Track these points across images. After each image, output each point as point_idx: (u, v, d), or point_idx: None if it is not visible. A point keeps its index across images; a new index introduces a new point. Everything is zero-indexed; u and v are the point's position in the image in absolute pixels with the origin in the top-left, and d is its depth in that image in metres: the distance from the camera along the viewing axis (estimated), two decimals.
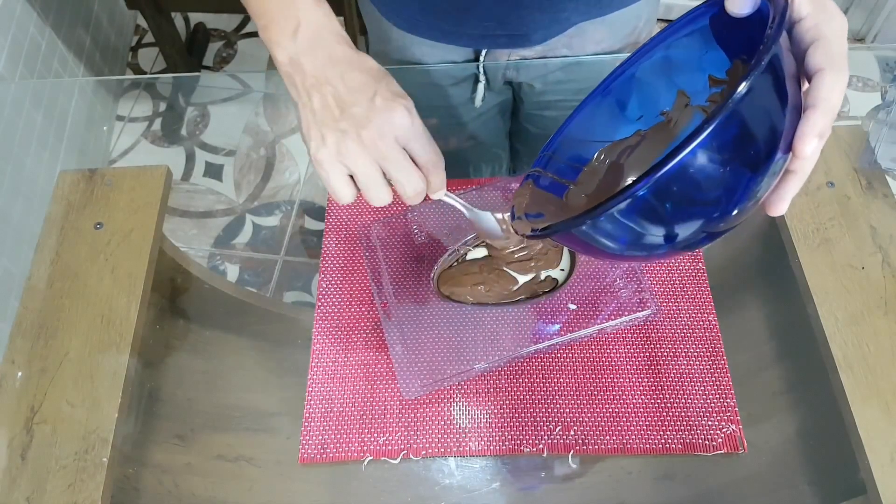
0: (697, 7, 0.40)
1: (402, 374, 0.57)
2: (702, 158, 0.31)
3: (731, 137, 0.31)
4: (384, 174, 0.44)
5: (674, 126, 0.46)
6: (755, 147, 0.33)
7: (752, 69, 0.30)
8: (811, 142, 0.34)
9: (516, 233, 0.47)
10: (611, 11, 0.66)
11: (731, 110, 0.30)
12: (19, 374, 0.59)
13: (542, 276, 0.61)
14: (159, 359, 0.65)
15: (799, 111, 0.34)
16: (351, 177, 0.44)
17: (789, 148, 0.34)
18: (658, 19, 0.76)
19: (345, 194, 0.44)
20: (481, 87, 0.73)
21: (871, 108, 1.67)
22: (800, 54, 0.36)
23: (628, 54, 0.50)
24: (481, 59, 0.71)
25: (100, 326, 0.61)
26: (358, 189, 0.45)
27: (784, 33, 0.32)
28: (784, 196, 0.37)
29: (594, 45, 0.70)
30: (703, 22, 0.41)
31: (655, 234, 0.35)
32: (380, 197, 0.44)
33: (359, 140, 0.42)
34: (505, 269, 0.61)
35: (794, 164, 0.36)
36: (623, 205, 0.33)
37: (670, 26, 0.43)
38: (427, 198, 0.47)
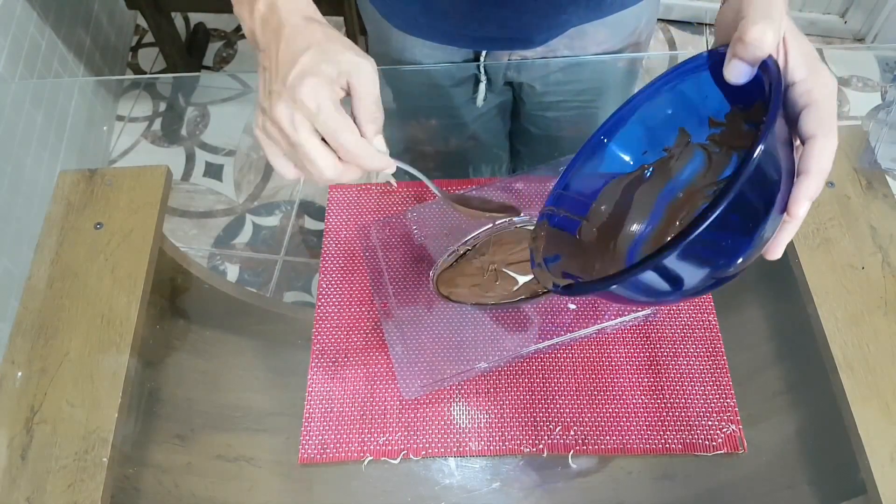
0: (700, 55, 0.44)
1: (402, 374, 0.57)
2: (706, 236, 0.34)
3: (733, 212, 0.34)
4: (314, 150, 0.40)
5: (676, 161, 0.49)
6: (755, 214, 0.36)
7: (749, 159, 0.33)
8: (805, 205, 0.37)
9: (539, 282, 0.48)
10: (611, 13, 0.66)
11: (736, 192, 0.33)
12: (19, 374, 0.59)
13: None
14: (159, 359, 0.65)
15: (792, 174, 0.37)
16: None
17: (784, 208, 0.37)
18: (658, 19, 0.76)
19: (284, 169, 0.41)
20: (482, 87, 0.73)
21: (871, 108, 1.67)
22: (793, 115, 0.39)
23: (628, 55, 0.51)
24: (482, 59, 0.71)
25: (100, 326, 0.61)
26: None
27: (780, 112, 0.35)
28: (780, 243, 0.40)
29: (595, 45, 0.70)
30: (703, 71, 0.44)
31: (667, 289, 0.39)
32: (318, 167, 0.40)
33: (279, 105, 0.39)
34: (505, 269, 0.61)
35: (788, 219, 0.38)
36: (639, 273, 0.36)
37: (674, 69, 0.46)
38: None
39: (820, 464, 0.57)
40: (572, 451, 0.56)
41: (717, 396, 0.58)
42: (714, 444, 0.56)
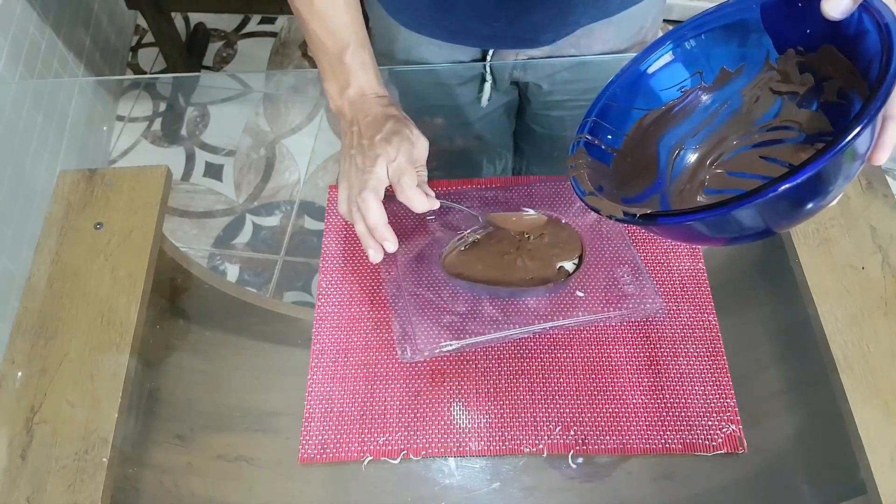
0: None
1: (402, 338, 0.57)
2: (809, 182, 0.34)
3: (834, 163, 0.34)
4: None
5: (711, 101, 0.50)
6: (857, 159, 0.36)
7: (868, 114, 0.33)
8: (889, 152, 0.37)
9: (598, 213, 0.45)
10: (618, 12, 0.66)
11: (849, 139, 0.33)
12: (19, 374, 0.59)
13: (557, 266, 0.61)
14: (159, 359, 0.65)
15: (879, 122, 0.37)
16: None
17: (864, 156, 0.38)
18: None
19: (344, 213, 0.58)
20: (488, 86, 0.73)
21: None
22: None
23: (635, 54, 0.51)
24: (488, 58, 0.71)
25: (100, 326, 0.61)
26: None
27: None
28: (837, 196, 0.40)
29: (601, 44, 0.70)
30: (753, 12, 0.44)
31: (747, 229, 0.39)
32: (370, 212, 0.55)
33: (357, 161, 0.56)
34: (521, 256, 0.61)
35: (866, 165, 0.39)
36: (742, 208, 0.35)
37: (720, 8, 0.46)
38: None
39: (820, 464, 0.57)
40: (572, 451, 0.56)
41: (717, 396, 0.58)
42: (714, 444, 0.56)
